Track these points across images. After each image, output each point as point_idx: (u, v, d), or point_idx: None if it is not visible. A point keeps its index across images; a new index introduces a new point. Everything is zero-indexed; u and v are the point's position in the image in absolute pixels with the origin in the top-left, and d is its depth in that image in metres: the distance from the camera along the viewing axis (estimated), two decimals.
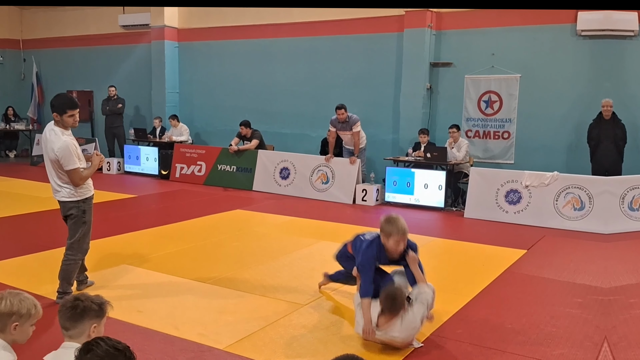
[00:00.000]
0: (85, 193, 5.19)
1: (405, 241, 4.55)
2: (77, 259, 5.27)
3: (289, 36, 13.17)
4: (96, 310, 2.85)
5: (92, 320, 2.84)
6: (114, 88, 14.48)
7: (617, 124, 9.45)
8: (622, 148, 9.53)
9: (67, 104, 5.08)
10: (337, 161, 11.12)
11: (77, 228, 5.20)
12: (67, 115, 5.05)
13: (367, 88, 12.25)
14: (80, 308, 2.82)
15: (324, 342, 4.46)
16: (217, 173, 12.55)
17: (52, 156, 5.03)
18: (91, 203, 5.28)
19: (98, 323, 2.86)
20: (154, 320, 4.84)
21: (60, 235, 7.49)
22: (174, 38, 14.77)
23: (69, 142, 5.01)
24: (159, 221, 8.79)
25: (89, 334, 2.80)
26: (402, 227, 4.50)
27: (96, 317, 2.85)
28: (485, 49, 11.05)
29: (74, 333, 2.82)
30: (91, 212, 5.29)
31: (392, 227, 4.49)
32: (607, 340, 4.54)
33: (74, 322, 2.81)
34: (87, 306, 2.83)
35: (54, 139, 5.02)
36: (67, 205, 5.14)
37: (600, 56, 10.16)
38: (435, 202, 10.23)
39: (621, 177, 9.04)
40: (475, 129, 11.06)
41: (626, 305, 5.42)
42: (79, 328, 2.81)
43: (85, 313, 2.82)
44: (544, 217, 8.99)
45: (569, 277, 6.32)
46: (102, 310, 2.89)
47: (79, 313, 2.81)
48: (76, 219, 5.18)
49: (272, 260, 6.78)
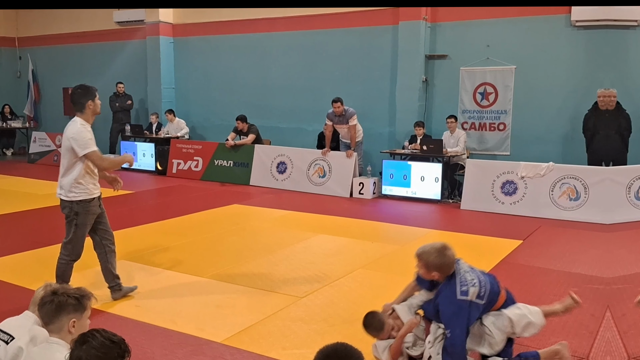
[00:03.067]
0: (81, 195, 4.94)
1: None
2: (68, 260, 5.08)
3: (284, 30, 13.17)
4: (74, 305, 2.75)
5: (71, 315, 2.74)
6: (122, 85, 14.47)
7: (621, 113, 9.40)
8: (627, 138, 9.49)
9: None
10: (334, 155, 11.14)
11: (69, 229, 5.04)
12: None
13: (363, 81, 12.26)
14: (55, 303, 2.73)
15: (321, 334, 4.49)
16: (214, 168, 12.57)
17: (66, 144, 4.90)
18: (88, 207, 4.98)
19: (78, 318, 2.76)
20: (151, 315, 4.86)
21: (57, 233, 7.52)
22: (169, 34, 14.77)
23: (86, 129, 4.92)
24: (157, 217, 8.81)
25: (68, 329, 2.71)
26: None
27: (75, 311, 2.75)
28: (480, 41, 11.06)
29: (54, 328, 2.74)
30: (86, 216, 5.00)
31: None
32: (617, 328, 4.56)
33: (52, 317, 2.73)
34: (63, 301, 2.73)
35: (71, 126, 4.93)
36: (62, 204, 5.04)
37: (595, 46, 10.16)
38: (432, 195, 10.26)
39: (628, 167, 9.04)
40: (471, 120, 11.09)
41: (635, 293, 5.45)
42: (56, 323, 2.73)
43: (62, 308, 2.73)
44: (539, 208, 9.03)
45: (564, 266, 6.35)
46: (82, 305, 2.78)
47: (55, 308, 2.72)
48: (68, 219, 5.03)
49: (270, 254, 6.80)
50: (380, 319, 4.02)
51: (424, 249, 3.80)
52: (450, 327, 3.62)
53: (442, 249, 3.75)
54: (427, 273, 3.79)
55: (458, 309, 3.61)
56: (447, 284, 3.72)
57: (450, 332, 3.61)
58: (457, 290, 3.64)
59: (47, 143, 15.25)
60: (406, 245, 7.34)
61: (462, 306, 3.61)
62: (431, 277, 3.81)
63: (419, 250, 3.84)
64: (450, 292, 3.66)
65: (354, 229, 8.23)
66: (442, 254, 3.73)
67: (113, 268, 5.23)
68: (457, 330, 3.60)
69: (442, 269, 3.72)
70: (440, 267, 3.72)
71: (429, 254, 3.74)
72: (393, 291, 5.42)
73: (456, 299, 3.62)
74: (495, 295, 3.77)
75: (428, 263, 3.73)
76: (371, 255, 6.76)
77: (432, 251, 3.74)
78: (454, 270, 3.75)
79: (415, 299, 4.15)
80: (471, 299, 3.62)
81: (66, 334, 2.69)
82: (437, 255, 3.72)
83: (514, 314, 3.77)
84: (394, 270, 6.20)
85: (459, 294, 3.62)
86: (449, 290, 3.67)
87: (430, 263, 3.73)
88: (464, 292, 3.62)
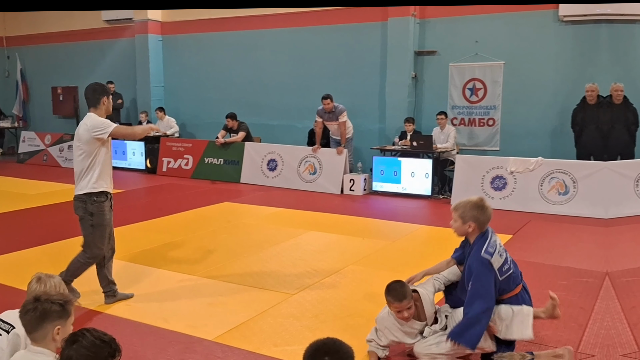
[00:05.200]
0: (96, 186, 4.86)
1: None
2: (84, 262, 4.97)
3: (274, 27, 13.14)
4: (58, 312, 2.64)
5: (55, 322, 2.62)
6: (113, 84, 14.41)
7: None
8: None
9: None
10: (324, 152, 11.15)
11: (85, 230, 4.94)
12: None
13: (353, 78, 12.27)
14: (39, 310, 2.61)
15: (312, 330, 4.50)
16: (204, 166, 12.55)
17: (84, 136, 4.81)
18: (102, 206, 4.91)
19: (63, 324, 2.65)
20: (142, 313, 4.86)
21: (47, 233, 7.52)
22: (157, 31, 14.72)
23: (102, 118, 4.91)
24: (147, 215, 8.79)
25: (52, 337, 2.61)
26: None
27: (59, 318, 2.64)
28: (468, 37, 11.08)
29: (37, 336, 2.61)
30: (103, 215, 4.92)
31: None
32: (626, 321, 4.59)
33: (35, 326, 2.61)
34: (47, 308, 2.62)
35: (88, 119, 4.87)
36: (75, 204, 4.92)
37: (583, 41, 10.22)
38: (422, 190, 10.29)
39: (636, 160, 9.07)
40: (461, 116, 11.13)
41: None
42: (40, 332, 2.61)
43: (46, 315, 2.61)
44: (529, 202, 9.08)
45: (553, 260, 6.39)
46: (66, 311, 2.68)
47: (38, 316, 2.60)
48: (83, 221, 4.92)
49: (261, 251, 6.81)
50: (407, 291, 3.82)
51: (461, 201, 3.87)
52: (472, 283, 3.66)
53: (479, 201, 3.81)
54: (461, 226, 3.81)
55: (481, 264, 3.65)
56: (477, 242, 3.76)
57: (471, 286, 3.65)
58: (484, 248, 3.68)
59: (36, 143, 15.18)
60: (397, 241, 7.37)
61: (485, 263, 3.64)
62: (465, 231, 3.83)
63: (456, 203, 3.91)
64: (477, 249, 3.70)
65: (344, 225, 8.25)
66: (480, 206, 3.77)
67: (109, 273, 5.17)
68: (477, 284, 3.63)
69: (479, 220, 3.75)
70: (477, 218, 3.75)
71: (466, 203, 3.80)
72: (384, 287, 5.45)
73: (480, 255, 3.66)
74: (513, 284, 3.79)
75: (465, 213, 3.77)
76: (362, 252, 6.78)
77: (470, 202, 3.79)
78: (487, 230, 3.78)
79: (437, 281, 4.10)
80: (493, 263, 3.65)
81: (50, 341, 2.60)
82: (474, 206, 3.77)
83: (506, 311, 3.76)
84: (385, 266, 6.23)
85: (483, 251, 3.66)
86: (477, 249, 3.71)
87: (466, 213, 3.76)
88: (488, 252, 3.66)
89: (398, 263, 6.35)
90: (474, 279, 3.66)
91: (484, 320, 3.64)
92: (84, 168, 4.86)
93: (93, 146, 4.84)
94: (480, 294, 3.63)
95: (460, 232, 3.87)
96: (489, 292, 3.63)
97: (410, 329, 3.91)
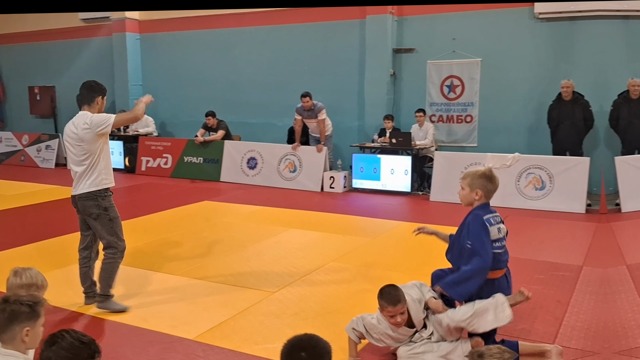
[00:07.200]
0: (104, 182, 4.92)
1: None
2: (114, 261, 4.94)
3: (252, 25, 13.12)
4: (27, 313, 2.61)
5: (24, 323, 2.59)
6: None
7: (578, 103, 9.55)
8: (583, 129, 9.65)
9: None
10: (304, 149, 11.17)
11: (104, 227, 4.90)
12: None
13: (332, 75, 12.30)
14: (7, 312, 2.58)
15: (293, 328, 4.51)
16: (183, 165, 12.51)
17: (87, 137, 4.77)
18: (112, 200, 5.00)
19: (32, 326, 2.62)
20: (122, 314, 4.85)
21: (25, 234, 7.44)
22: (135, 30, 14.61)
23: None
24: (126, 215, 8.66)
25: (21, 338, 2.59)
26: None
27: (28, 320, 2.60)
28: (446, 34, 11.16)
29: (6, 338, 2.58)
30: (114, 208, 4.99)
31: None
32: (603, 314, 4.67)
33: (4, 327, 2.57)
34: (16, 309, 2.59)
35: (82, 117, 4.82)
36: (85, 204, 4.87)
37: (558, 38, 10.35)
38: (402, 187, 10.36)
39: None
40: (439, 113, 11.21)
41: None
42: (9, 333, 2.58)
43: (14, 317, 2.58)
44: (506, 198, 9.15)
45: (531, 254, 6.48)
46: (35, 312, 2.64)
47: (7, 317, 2.58)
48: (100, 218, 4.89)
49: (242, 249, 6.82)
50: (401, 295, 3.77)
51: (470, 170, 4.04)
52: (470, 241, 3.77)
53: (488, 171, 3.93)
54: (469, 193, 3.91)
55: (480, 225, 3.77)
56: (480, 207, 3.87)
57: (471, 244, 3.76)
58: (486, 215, 3.82)
59: (13, 143, 15.00)
60: (377, 238, 7.42)
61: (484, 225, 3.77)
62: (472, 200, 3.91)
63: (466, 172, 4.06)
64: (479, 213, 3.83)
65: (325, 223, 8.28)
66: (488, 176, 3.91)
67: (92, 273, 5.14)
68: (476, 243, 3.74)
69: (487, 188, 3.88)
70: (485, 187, 3.87)
71: (475, 172, 3.94)
72: (364, 284, 5.50)
73: (481, 218, 3.79)
74: (497, 265, 3.87)
75: (473, 181, 3.89)
76: (342, 249, 6.82)
77: (479, 171, 3.93)
78: (489, 204, 3.91)
79: (427, 290, 4.01)
80: (490, 231, 3.78)
81: (19, 343, 2.58)
82: (482, 175, 3.90)
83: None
84: (365, 262, 6.27)
85: (484, 217, 3.80)
86: (478, 213, 3.83)
87: (475, 181, 3.88)
88: (488, 221, 3.80)
89: (378, 259, 6.40)
90: (473, 237, 3.77)
91: (477, 277, 3.74)
92: (88, 166, 4.84)
93: (96, 144, 4.83)
94: (479, 251, 3.73)
95: (466, 200, 3.95)
96: (486, 251, 3.73)
97: (401, 336, 3.91)
